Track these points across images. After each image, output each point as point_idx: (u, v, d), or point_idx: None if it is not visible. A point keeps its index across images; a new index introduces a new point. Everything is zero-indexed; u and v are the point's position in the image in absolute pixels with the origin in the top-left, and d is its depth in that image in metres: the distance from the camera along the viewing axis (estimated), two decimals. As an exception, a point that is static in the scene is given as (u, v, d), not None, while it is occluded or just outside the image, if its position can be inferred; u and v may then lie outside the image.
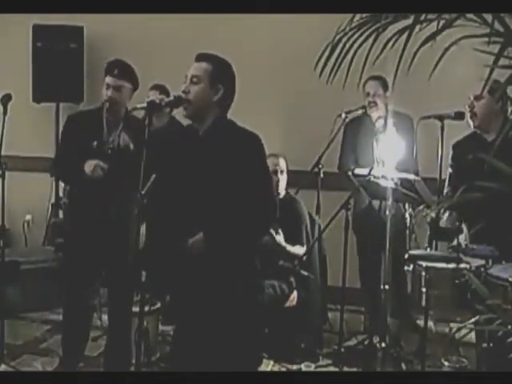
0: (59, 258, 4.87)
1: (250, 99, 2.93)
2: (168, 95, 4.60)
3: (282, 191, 4.29)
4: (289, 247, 4.13)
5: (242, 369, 2.63)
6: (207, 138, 2.69)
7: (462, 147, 3.73)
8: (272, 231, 3.98)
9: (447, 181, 3.80)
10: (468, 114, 3.63)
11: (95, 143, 3.32)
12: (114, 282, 3.48)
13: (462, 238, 3.56)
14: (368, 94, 4.41)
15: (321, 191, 4.69)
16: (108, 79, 3.34)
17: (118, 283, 3.45)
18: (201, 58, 2.72)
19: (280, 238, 4.08)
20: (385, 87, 4.42)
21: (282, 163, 4.29)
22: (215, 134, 2.68)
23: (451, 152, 3.81)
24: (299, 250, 4.15)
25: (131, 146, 3.32)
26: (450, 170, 3.81)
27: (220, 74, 2.69)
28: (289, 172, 4.36)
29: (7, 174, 3.98)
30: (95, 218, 3.37)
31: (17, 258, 5.06)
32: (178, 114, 4.87)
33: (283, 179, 4.28)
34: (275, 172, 4.18)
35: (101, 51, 5.57)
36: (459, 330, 2.85)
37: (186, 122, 4.89)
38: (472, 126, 3.64)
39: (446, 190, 3.77)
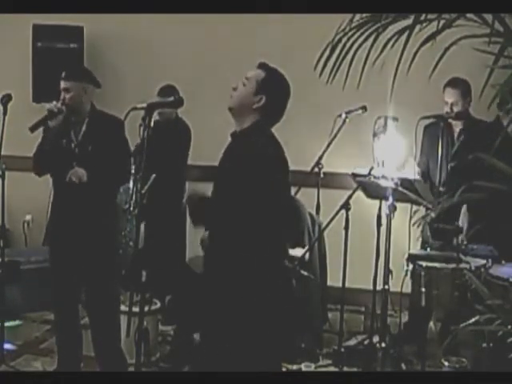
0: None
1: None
2: (178, 94, 4.63)
3: None
4: (290, 251, 4.12)
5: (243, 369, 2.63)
6: (237, 142, 2.71)
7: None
8: None
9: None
10: None
11: (64, 142, 3.40)
12: (94, 282, 3.50)
13: (462, 238, 3.56)
14: (446, 103, 4.25)
15: (321, 191, 4.69)
16: (60, 84, 3.45)
17: (98, 284, 3.47)
18: (261, 66, 2.75)
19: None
20: (464, 93, 4.23)
21: None
22: (247, 137, 2.68)
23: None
24: (299, 252, 4.14)
25: (98, 143, 3.36)
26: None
27: (268, 84, 2.69)
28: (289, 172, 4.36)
29: (7, 173, 3.98)
30: (71, 215, 3.42)
31: (17, 258, 5.06)
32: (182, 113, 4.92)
33: None
34: None
35: (101, 51, 5.56)
36: (459, 330, 2.86)
37: (190, 122, 4.89)
38: None
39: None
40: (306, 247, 4.18)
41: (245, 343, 2.63)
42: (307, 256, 4.07)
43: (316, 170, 4.63)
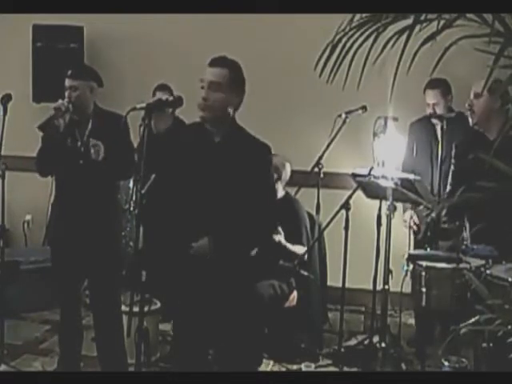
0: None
1: (250, 99, 2.95)
2: (172, 95, 4.62)
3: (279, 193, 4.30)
4: (289, 246, 4.12)
5: (242, 369, 2.64)
6: (223, 145, 2.70)
7: (464, 145, 3.73)
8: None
9: (450, 179, 3.80)
10: (467, 112, 3.64)
11: (69, 141, 3.39)
12: (97, 282, 3.52)
13: (462, 238, 3.56)
14: (428, 105, 4.33)
15: (321, 191, 4.69)
16: (65, 82, 3.42)
17: (102, 284, 3.49)
18: (216, 63, 2.69)
19: (281, 237, 4.08)
20: (445, 92, 4.32)
21: (288, 170, 4.31)
22: (230, 141, 2.69)
23: (453, 149, 3.81)
24: (300, 249, 4.14)
25: (104, 140, 3.35)
26: (452, 167, 3.81)
27: (237, 78, 2.70)
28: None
29: (7, 173, 3.98)
30: (75, 215, 3.42)
31: (17, 258, 5.06)
32: (181, 113, 4.92)
33: (282, 184, 4.31)
34: (279, 176, 4.21)
35: (101, 51, 5.56)
36: (459, 330, 2.85)
37: (189, 121, 4.86)
38: (471, 124, 3.64)
39: (448, 188, 3.77)
40: (305, 248, 4.18)
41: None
42: (306, 257, 4.06)
43: (316, 169, 4.63)
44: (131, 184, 4.80)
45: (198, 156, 2.74)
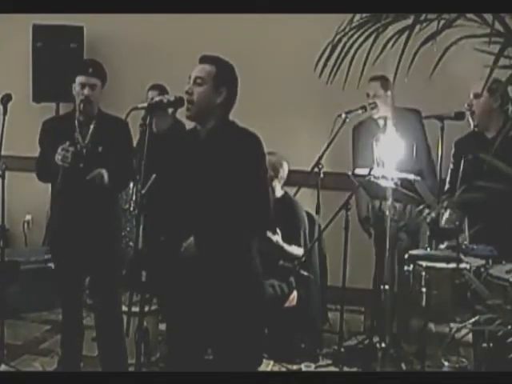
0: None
1: (250, 99, 2.94)
2: (164, 94, 4.60)
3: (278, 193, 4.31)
4: (286, 246, 4.12)
5: (241, 369, 2.63)
6: (209, 141, 2.70)
7: (463, 145, 3.75)
8: (269, 233, 3.99)
9: (448, 178, 3.81)
10: (467, 113, 3.65)
11: (67, 143, 3.25)
12: (97, 282, 3.53)
13: (462, 238, 3.56)
14: (368, 96, 4.40)
15: (321, 191, 4.69)
16: (82, 78, 3.33)
17: (102, 284, 3.49)
18: (205, 59, 2.72)
19: (278, 237, 4.07)
20: (385, 87, 4.39)
21: (285, 168, 4.31)
22: (217, 136, 2.69)
23: (453, 149, 3.81)
24: (297, 250, 4.14)
25: (105, 145, 3.32)
26: (451, 166, 3.82)
27: (224, 76, 2.69)
28: (289, 172, 4.37)
29: (7, 173, 3.98)
30: (75, 215, 3.41)
31: (17, 258, 5.05)
32: (181, 115, 4.92)
33: (280, 183, 4.31)
34: (276, 175, 4.22)
35: (101, 51, 5.56)
36: (459, 330, 2.86)
37: (188, 124, 4.91)
38: (472, 125, 3.65)
39: (446, 187, 3.78)
40: (302, 248, 4.18)
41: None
42: (304, 258, 4.06)
43: (316, 169, 4.62)
44: (131, 184, 4.80)
45: (187, 155, 2.75)
